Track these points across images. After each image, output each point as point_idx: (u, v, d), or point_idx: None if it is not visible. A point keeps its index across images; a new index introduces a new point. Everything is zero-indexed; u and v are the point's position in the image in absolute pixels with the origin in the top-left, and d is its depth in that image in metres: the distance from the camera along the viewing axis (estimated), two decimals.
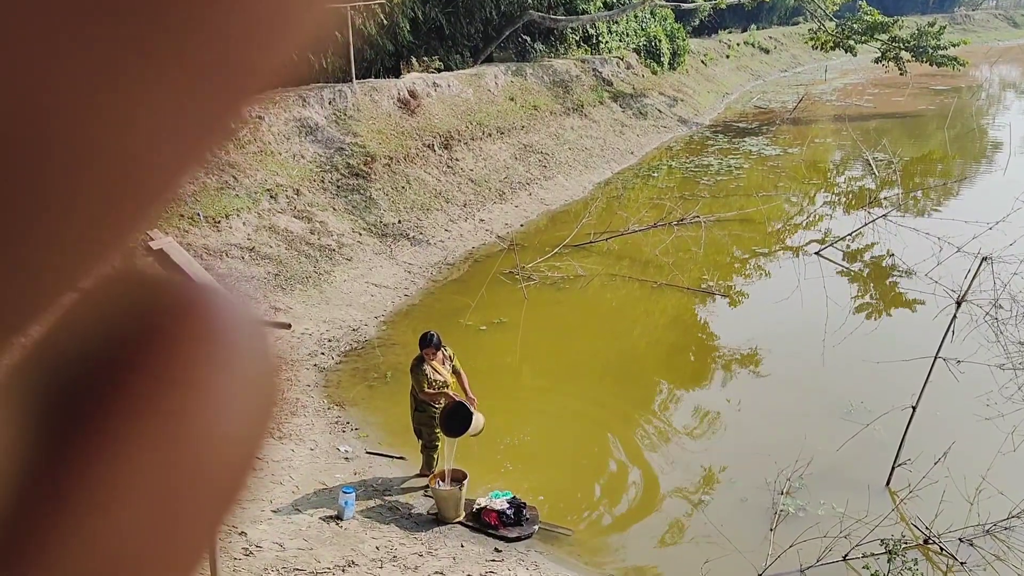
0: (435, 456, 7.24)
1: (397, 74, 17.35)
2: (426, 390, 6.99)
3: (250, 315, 0.22)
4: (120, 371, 0.20)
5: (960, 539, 6.62)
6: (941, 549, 6.57)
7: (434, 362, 7.03)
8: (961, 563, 6.41)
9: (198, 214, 10.83)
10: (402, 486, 7.31)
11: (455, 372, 7.19)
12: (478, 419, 6.96)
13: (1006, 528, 6.69)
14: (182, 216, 10.32)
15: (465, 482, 6.86)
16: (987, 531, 6.66)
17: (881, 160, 18.52)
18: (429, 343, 7.00)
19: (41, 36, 0.17)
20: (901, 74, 30.19)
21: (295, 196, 12.39)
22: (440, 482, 6.87)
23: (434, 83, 17.05)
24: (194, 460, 0.20)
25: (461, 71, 18.76)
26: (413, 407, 7.22)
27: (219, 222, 11.09)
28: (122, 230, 0.20)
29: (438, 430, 7.08)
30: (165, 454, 0.20)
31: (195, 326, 0.20)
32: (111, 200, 0.19)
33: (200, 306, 0.21)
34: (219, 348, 0.21)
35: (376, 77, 16.52)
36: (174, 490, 0.20)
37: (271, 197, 12.03)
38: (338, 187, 13.22)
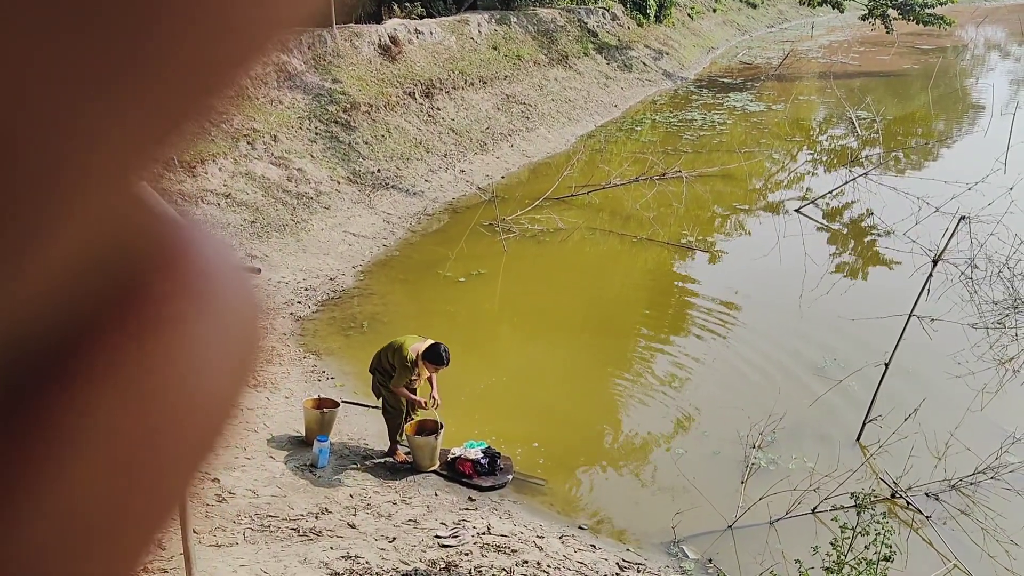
0: (400, 426, 6.96)
1: (378, 20, 16.98)
2: (401, 388, 6.76)
3: (229, 257, 0.20)
4: (87, 320, 0.18)
5: (927, 494, 6.74)
6: (907, 503, 6.69)
7: (426, 376, 6.81)
8: (926, 517, 6.53)
9: (172, 158, 10.63)
10: (377, 435, 7.32)
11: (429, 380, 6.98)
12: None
13: (971, 484, 6.81)
14: (155, 159, 10.11)
15: (440, 432, 6.87)
16: (953, 486, 6.77)
17: (864, 119, 18.47)
18: (441, 362, 6.67)
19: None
20: (887, 32, 30.01)
21: (272, 142, 12.18)
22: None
23: (416, 30, 16.72)
24: (166, 415, 0.18)
25: (444, 18, 18.40)
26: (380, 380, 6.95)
27: (194, 167, 10.89)
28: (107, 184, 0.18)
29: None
30: (134, 409, 0.18)
31: (170, 268, 0.19)
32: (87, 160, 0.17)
33: (176, 246, 0.19)
34: (196, 294, 0.19)
35: (357, 22, 16.16)
36: (143, 447, 0.18)
37: (248, 143, 11.82)
38: (316, 134, 13.00)
